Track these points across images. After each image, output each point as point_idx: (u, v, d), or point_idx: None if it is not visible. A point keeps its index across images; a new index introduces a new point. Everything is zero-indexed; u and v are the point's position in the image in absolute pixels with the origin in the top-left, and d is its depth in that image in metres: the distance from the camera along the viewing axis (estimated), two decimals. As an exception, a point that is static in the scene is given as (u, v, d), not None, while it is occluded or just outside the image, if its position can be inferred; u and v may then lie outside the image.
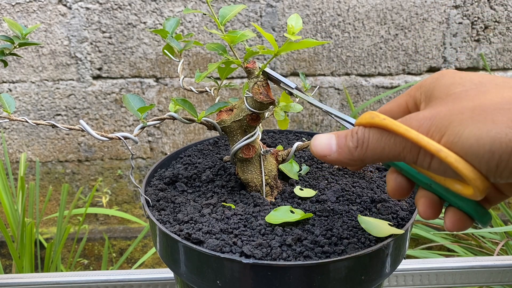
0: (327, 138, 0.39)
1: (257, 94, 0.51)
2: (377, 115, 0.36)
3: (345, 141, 0.38)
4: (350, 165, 0.39)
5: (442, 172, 0.33)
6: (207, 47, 0.53)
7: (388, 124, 0.34)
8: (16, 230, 1.36)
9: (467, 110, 0.32)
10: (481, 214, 0.37)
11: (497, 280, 0.77)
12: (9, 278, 0.74)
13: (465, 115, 0.31)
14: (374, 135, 0.36)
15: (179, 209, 0.53)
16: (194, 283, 0.47)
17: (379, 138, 0.35)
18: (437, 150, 0.32)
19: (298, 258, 0.44)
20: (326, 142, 0.38)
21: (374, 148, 0.36)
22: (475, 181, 0.31)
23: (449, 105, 0.33)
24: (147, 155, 1.63)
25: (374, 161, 0.37)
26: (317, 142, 0.39)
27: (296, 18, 0.49)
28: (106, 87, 1.54)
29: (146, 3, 1.45)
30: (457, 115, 0.32)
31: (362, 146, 0.36)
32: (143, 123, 0.49)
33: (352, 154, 0.37)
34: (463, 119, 0.31)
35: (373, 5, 1.48)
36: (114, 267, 1.52)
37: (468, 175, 0.31)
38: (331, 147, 0.38)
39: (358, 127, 0.37)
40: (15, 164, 1.62)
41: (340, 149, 0.38)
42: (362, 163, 0.38)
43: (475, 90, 0.33)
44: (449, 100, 0.34)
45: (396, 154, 0.35)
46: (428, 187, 0.38)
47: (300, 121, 1.62)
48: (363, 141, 0.36)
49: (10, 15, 1.46)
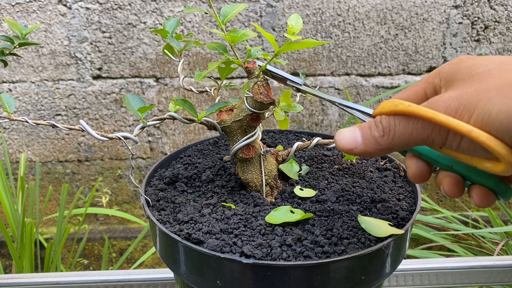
0: (350, 131, 0.39)
1: (257, 94, 0.51)
2: (401, 102, 0.36)
3: (370, 132, 0.38)
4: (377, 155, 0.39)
5: (471, 152, 0.34)
6: (207, 47, 0.53)
7: (415, 110, 0.35)
8: (16, 230, 1.36)
9: (494, 88, 0.32)
10: (504, 189, 0.38)
11: (497, 280, 0.77)
12: (9, 278, 0.74)
13: (493, 93, 0.32)
14: (400, 122, 0.36)
15: (179, 209, 0.53)
16: (194, 283, 0.47)
17: (406, 124, 0.35)
18: (468, 131, 0.32)
19: (298, 258, 0.44)
20: (351, 136, 0.38)
21: (401, 135, 0.36)
22: (507, 157, 0.32)
23: (474, 85, 0.33)
24: (147, 155, 1.63)
25: (402, 147, 0.37)
26: (341, 137, 0.39)
27: (296, 18, 0.49)
28: (106, 87, 1.54)
29: (146, 3, 1.45)
30: (484, 94, 0.32)
31: (389, 134, 0.36)
32: (143, 123, 0.49)
33: (379, 143, 0.37)
34: (491, 96, 0.32)
35: (373, 5, 1.48)
36: (114, 267, 1.52)
37: (501, 152, 0.32)
38: (356, 140, 0.38)
39: (380, 116, 0.37)
40: (15, 164, 1.62)
41: (367, 140, 0.38)
42: (389, 151, 0.38)
43: (498, 69, 0.34)
44: (473, 80, 0.34)
45: (424, 138, 0.35)
46: (450, 168, 0.39)
47: (300, 121, 1.62)
48: (389, 129, 0.36)
49: (10, 15, 1.46)
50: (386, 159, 0.65)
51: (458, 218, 1.50)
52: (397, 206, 0.53)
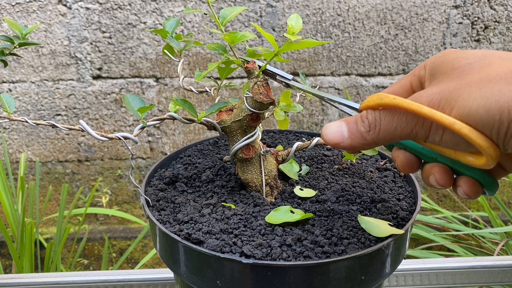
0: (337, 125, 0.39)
1: (257, 94, 0.51)
2: (386, 96, 0.36)
3: (356, 127, 0.38)
4: (362, 149, 0.39)
5: (453, 145, 0.34)
6: (207, 47, 0.53)
7: (400, 103, 0.35)
8: (16, 230, 1.36)
9: (474, 83, 0.33)
10: (490, 183, 0.38)
11: (497, 280, 0.77)
12: (9, 278, 0.74)
13: (473, 88, 0.33)
14: (385, 116, 0.36)
15: (179, 209, 0.53)
16: (194, 283, 0.47)
17: (391, 119, 0.36)
18: (451, 123, 0.33)
19: (298, 258, 0.44)
20: (338, 130, 0.39)
21: (386, 130, 0.36)
22: (488, 149, 0.33)
23: (456, 80, 0.34)
24: (147, 155, 1.63)
25: (388, 141, 0.37)
26: (328, 131, 0.39)
27: (296, 18, 0.49)
28: (106, 87, 1.54)
29: (146, 3, 1.45)
30: (465, 88, 0.33)
31: (375, 129, 0.37)
32: (143, 123, 0.49)
33: (365, 138, 0.37)
34: (471, 91, 0.33)
35: (373, 5, 1.48)
36: (114, 267, 1.52)
37: (482, 144, 0.32)
38: (343, 134, 0.38)
39: (367, 111, 0.38)
40: (15, 164, 1.62)
41: (353, 135, 0.38)
42: (375, 146, 0.38)
43: (479, 62, 0.35)
44: (455, 74, 0.35)
45: (408, 132, 0.36)
46: (434, 160, 0.39)
47: (300, 121, 1.62)
48: (375, 124, 0.37)
49: (10, 15, 1.46)
50: (386, 159, 0.65)
51: (458, 218, 1.50)
52: (397, 206, 0.53)
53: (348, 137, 0.38)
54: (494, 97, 0.31)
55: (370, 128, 0.37)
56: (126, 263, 1.69)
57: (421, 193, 0.56)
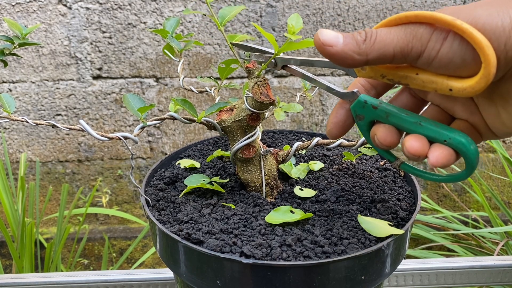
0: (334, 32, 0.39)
1: (257, 94, 0.51)
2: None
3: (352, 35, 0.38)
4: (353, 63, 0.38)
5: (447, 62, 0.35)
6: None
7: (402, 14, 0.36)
8: (16, 230, 1.36)
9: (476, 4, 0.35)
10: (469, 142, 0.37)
11: (497, 280, 0.77)
12: (9, 278, 0.74)
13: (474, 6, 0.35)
14: (383, 30, 0.37)
15: (179, 209, 0.53)
16: (194, 283, 0.47)
17: (388, 31, 0.36)
18: (452, 20, 0.33)
19: (298, 258, 0.44)
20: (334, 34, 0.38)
21: (382, 40, 0.36)
22: (487, 48, 0.33)
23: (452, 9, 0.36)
24: (147, 155, 1.63)
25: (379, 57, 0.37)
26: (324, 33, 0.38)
27: (296, 18, 0.49)
28: (106, 87, 1.54)
29: (146, 3, 1.45)
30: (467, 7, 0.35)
31: (371, 38, 0.37)
32: (143, 123, 0.49)
33: (359, 46, 0.37)
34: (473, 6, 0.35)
35: (373, 5, 1.48)
36: (114, 267, 1.52)
37: (482, 40, 0.33)
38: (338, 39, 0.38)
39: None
40: (15, 164, 1.62)
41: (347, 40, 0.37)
42: (365, 62, 0.38)
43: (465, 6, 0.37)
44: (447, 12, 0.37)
45: (403, 45, 0.36)
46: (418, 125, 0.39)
47: (300, 121, 1.62)
48: (371, 34, 0.37)
49: (10, 15, 1.46)
50: (386, 159, 0.65)
51: (458, 218, 1.51)
52: (397, 206, 0.53)
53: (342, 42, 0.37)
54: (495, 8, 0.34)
55: (366, 37, 0.37)
56: (126, 263, 1.69)
57: (421, 193, 0.56)
